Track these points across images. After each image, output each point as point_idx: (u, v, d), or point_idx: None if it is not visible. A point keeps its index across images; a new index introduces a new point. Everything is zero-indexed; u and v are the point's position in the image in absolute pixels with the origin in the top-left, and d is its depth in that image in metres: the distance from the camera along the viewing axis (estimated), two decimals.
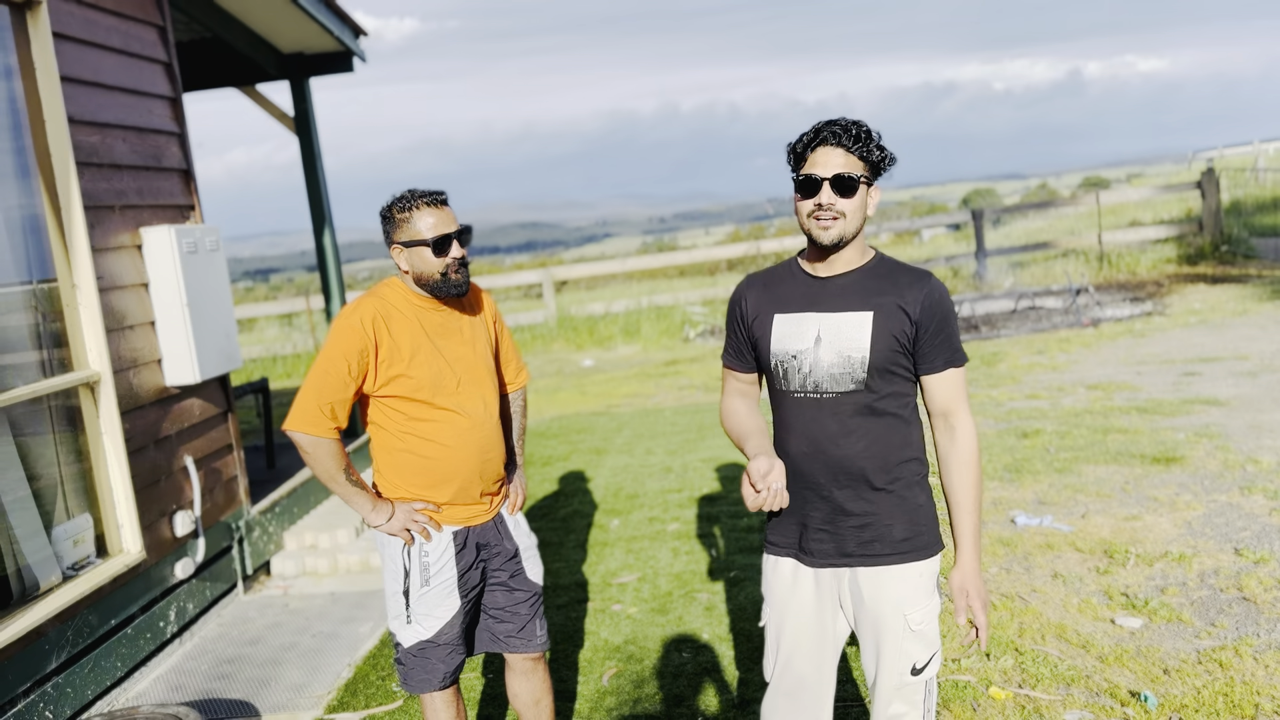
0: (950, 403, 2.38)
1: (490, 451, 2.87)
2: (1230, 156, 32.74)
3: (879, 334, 2.30)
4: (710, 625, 4.33)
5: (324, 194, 7.13)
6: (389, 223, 2.76)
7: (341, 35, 6.74)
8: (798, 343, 2.36)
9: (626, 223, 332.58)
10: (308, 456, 2.71)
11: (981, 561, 2.40)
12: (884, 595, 2.40)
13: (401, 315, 2.75)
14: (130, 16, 4.79)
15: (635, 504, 6.26)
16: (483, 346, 2.91)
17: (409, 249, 2.73)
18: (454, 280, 2.74)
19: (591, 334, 14.86)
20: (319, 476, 2.73)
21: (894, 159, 2.36)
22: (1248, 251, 14.21)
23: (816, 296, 2.38)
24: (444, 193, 2.76)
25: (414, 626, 2.83)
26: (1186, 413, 6.85)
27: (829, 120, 2.32)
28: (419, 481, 2.80)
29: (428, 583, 2.81)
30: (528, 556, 3.01)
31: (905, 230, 24.92)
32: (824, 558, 2.43)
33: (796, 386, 2.37)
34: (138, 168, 4.76)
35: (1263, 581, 4.16)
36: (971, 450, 2.38)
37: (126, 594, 4.31)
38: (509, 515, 3.01)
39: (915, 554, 2.40)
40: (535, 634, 3.01)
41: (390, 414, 2.77)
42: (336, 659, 4.43)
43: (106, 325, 4.35)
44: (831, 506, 2.39)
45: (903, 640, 2.40)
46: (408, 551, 2.81)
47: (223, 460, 5.23)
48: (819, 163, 2.29)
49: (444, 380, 2.77)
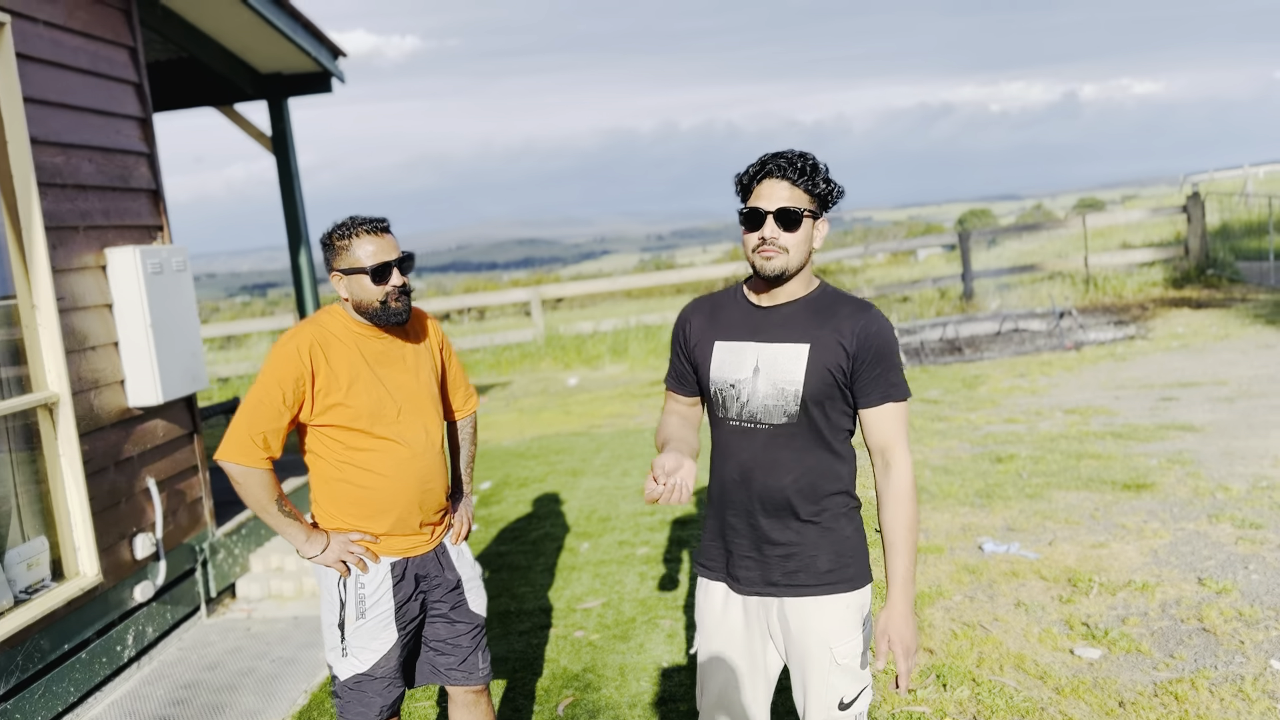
0: (887, 438, 2.34)
1: (431, 481, 2.84)
2: (1220, 180, 32.86)
3: (813, 367, 2.30)
4: (671, 653, 4.31)
5: (301, 213, 7.13)
6: (329, 250, 2.73)
7: (319, 56, 6.75)
8: (736, 372, 2.36)
9: (624, 240, 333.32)
10: (239, 487, 2.68)
11: (914, 603, 2.36)
12: (809, 628, 2.38)
13: (340, 343, 2.73)
14: (99, 38, 4.80)
15: (607, 527, 6.24)
16: (427, 374, 2.88)
17: (348, 276, 2.70)
18: (394, 308, 2.71)
19: (579, 353, 14.85)
20: (251, 507, 2.71)
21: (841, 192, 2.36)
22: (1233, 275, 14.24)
23: (758, 326, 2.37)
24: (385, 220, 2.74)
25: (349, 659, 2.79)
26: (1161, 438, 6.84)
27: (775, 153, 2.32)
28: (356, 512, 2.77)
29: (363, 615, 2.77)
30: (470, 588, 2.98)
31: (901, 250, 24.95)
32: (750, 585, 2.42)
33: (734, 415, 2.37)
34: (104, 188, 4.75)
35: (1223, 612, 4.14)
36: (906, 488, 2.34)
37: (81, 618, 4.28)
38: (452, 545, 2.98)
39: (840, 586, 2.38)
40: (477, 666, 2.98)
41: (328, 443, 2.74)
42: (293, 685, 4.39)
43: (67, 346, 4.33)
44: (758, 535, 2.39)
45: (829, 674, 2.38)
46: (343, 583, 2.77)
47: (187, 482, 5.20)
48: (764, 195, 2.30)
49: (384, 409, 2.74)
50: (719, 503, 2.46)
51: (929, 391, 9.43)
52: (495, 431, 9.93)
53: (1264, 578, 4.45)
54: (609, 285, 17.94)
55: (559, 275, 40.03)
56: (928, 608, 4.51)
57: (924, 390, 9.51)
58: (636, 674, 4.15)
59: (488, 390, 13.02)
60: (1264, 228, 18.10)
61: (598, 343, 15.00)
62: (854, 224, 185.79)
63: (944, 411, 8.48)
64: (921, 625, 4.33)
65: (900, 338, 12.04)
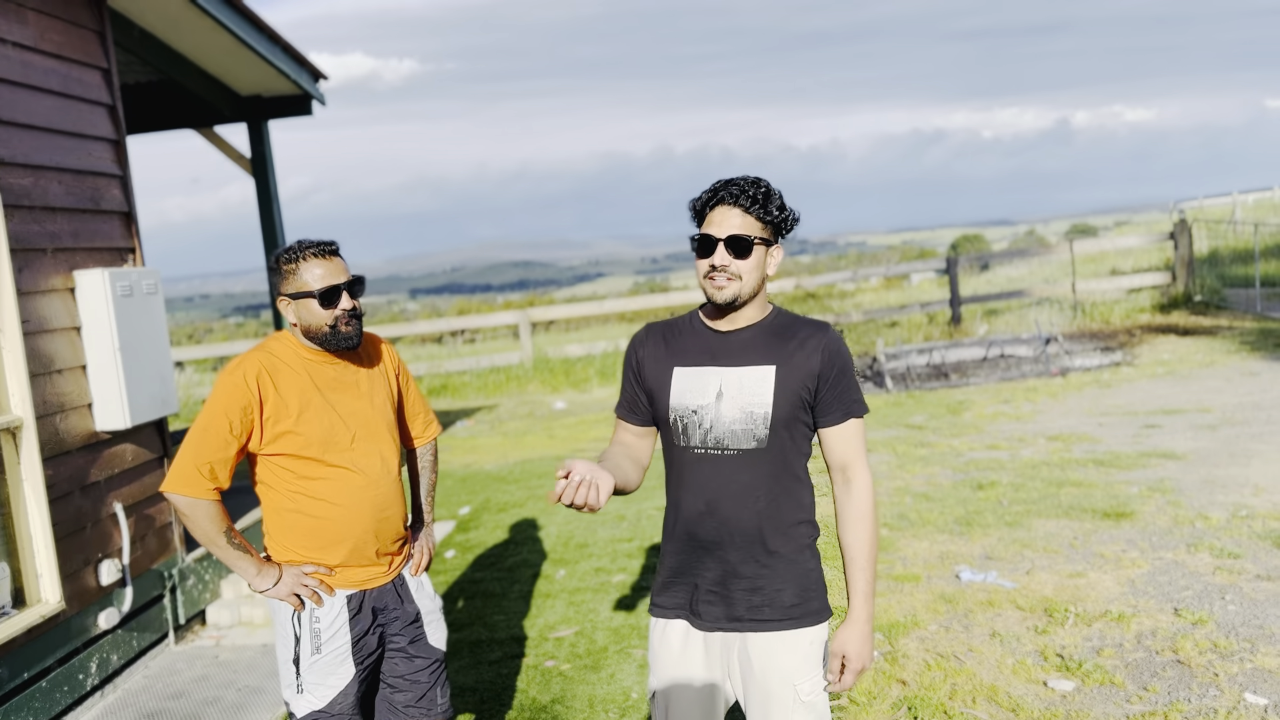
0: (848, 455, 2.34)
1: (388, 510, 2.77)
2: (1210, 207, 33.03)
3: (781, 388, 2.28)
4: (640, 684, 4.24)
5: (280, 235, 7.11)
6: (275, 274, 2.67)
7: (299, 79, 6.74)
8: (698, 398, 2.32)
9: (619, 263, 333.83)
10: (185, 519, 2.62)
11: (873, 622, 2.34)
12: (773, 664, 2.33)
13: (290, 369, 2.67)
14: (71, 59, 4.78)
15: (584, 553, 6.18)
16: (382, 400, 2.82)
17: (296, 301, 2.64)
18: (344, 333, 2.65)
19: (567, 376, 14.79)
20: (199, 539, 2.64)
21: (796, 219, 2.35)
22: (1220, 302, 14.26)
23: (717, 351, 2.34)
24: (334, 243, 2.68)
25: (306, 696, 2.71)
26: (1143, 466, 6.81)
27: (728, 180, 2.30)
28: (310, 543, 2.70)
29: (319, 650, 2.70)
30: (430, 621, 2.90)
31: (893, 275, 25.03)
32: (713, 621, 2.37)
33: (697, 443, 2.33)
34: (73, 210, 4.72)
35: (1198, 644, 4.10)
36: (868, 505, 2.34)
37: (43, 645, 4.21)
38: (411, 577, 2.91)
39: (804, 620, 2.35)
40: (435, 702, 2.90)
41: (279, 473, 2.68)
42: (258, 715, 4.32)
43: (32, 369, 4.28)
44: (724, 568, 2.34)
45: (791, 712, 2.33)
46: (297, 617, 2.70)
47: (156, 506, 5.14)
48: (715, 222, 2.28)
49: (336, 436, 2.68)
50: (680, 537, 2.40)
51: (914, 417, 9.40)
52: (478, 455, 9.88)
53: (1240, 609, 4.41)
54: (599, 308, 17.89)
55: (553, 297, 40.03)
56: (902, 638, 4.45)
57: (909, 416, 9.48)
58: (606, 705, 4.08)
59: (474, 413, 12.96)
60: (1251, 255, 18.16)
61: (586, 366, 14.95)
62: (848, 248, 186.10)
63: (927, 438, 8.44)
64: (894, 656, 4.28)
65: (887, 363, 12.02)
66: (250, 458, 2.71)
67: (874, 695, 3.94)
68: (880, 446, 8.26)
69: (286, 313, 2.68)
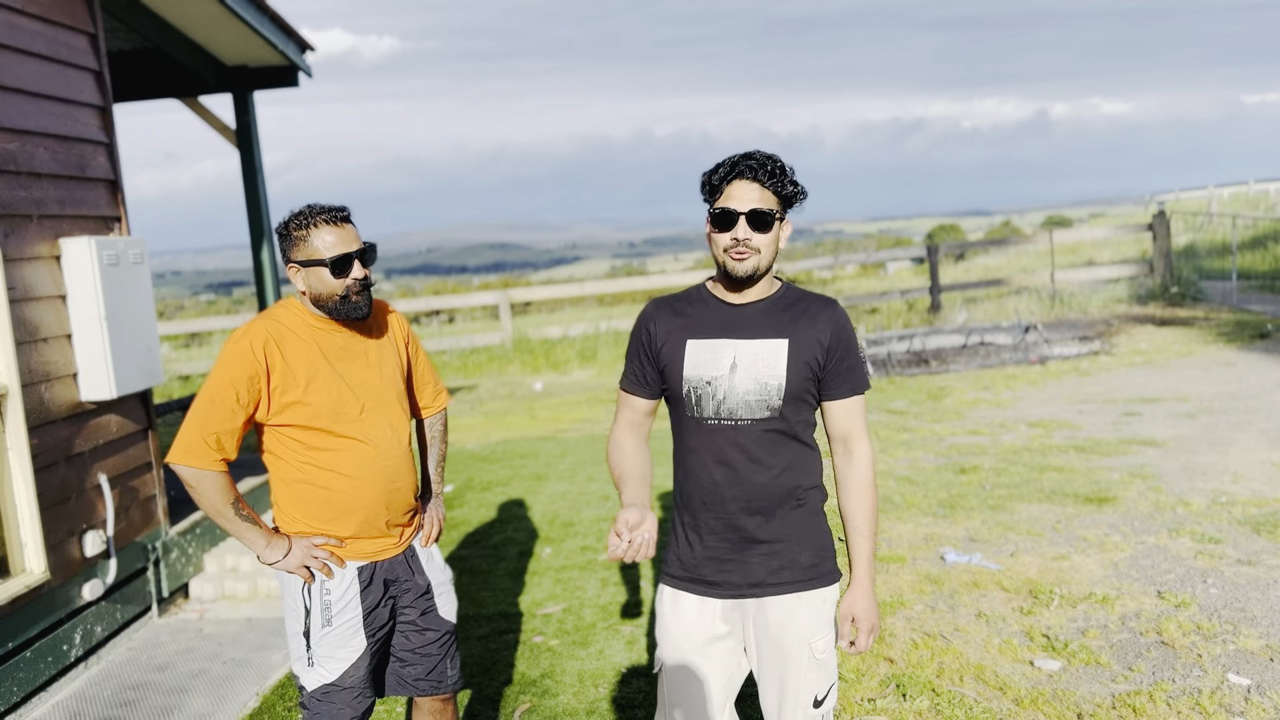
0: (851, 427, 2.42)
1: (398, 481, 2.73)
2: (1186, 200, 33.35)
3: (794, 361, 2.33)
4: (630, 659, 4.25)
5: (264, 209, 7.03)
6: (285, 240, 2.61)
7: (286, 49, 6.66)
8: (713, 369, 2.35)
9: (597, 246, 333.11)
10: (192, 491, 2.57)
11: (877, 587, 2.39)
12: (791, 624, 2.38)
13: (297, 338, 2.62)
14: (59, 23, 4.69)
15: (570, 532, 6.18)
16: (391, 370, 2.77)
17: (306, 268, 2.58)
18: (354, 302, 2.60)
19: (547, 357, 14.76)
20: (206, 511, 2.60)
21: (805, 193, 2.38)
22: (1196, 294, 14.42)
23: (731, 324, 2.37)
24: (346, 209, 2.63)
25: (316, 669, 2.67)
26: (1123, 453, 6.88)
27: (745, 154, 2.33)
28: (319, 515, 2.66)
29: (329, 623, 2.66)
30: (440, 593, 2.87)
31: (870, 262, 25.09)
32: (732, 589, 2.40)
33: (710, 414, 2.35)
34: (60, 177, 4.65)
35: (1181, 626, 4.16)
36: (869, 474, 2.42)
37: (26, 615, 4.17)
38: (422, 548, 2.87)
39: (821, 580, 2.42)
40: (445, 674, 2.88)
41: (287, 443, 2.63)
42: (244, 688, 4.30)
43: (17, 337, 4.22)
44: (740, 535, 2.38)
45: (806, 671, 2.39)
46: (308, 590, 2.66)
47: (140, 479, 5.09)
48: (735, 196, 2.30)
49: (345, 406, 2.63)
50: (695, 507, 2.41)
51: (895, 402, 9.45)
52: (460, 435, 9.84)
53: (1222, 592, 4.47)
54: (578, 290, 17.85)
55: (530, 280, 39.86)
56: (889, 617, 4.49)
57: (890, 401, 9.54)
58: (595, 680, 4.09)
59: (454, 393, 12.91)
60: (1227, 248, 18.37)
61: (566, 347, 14.92)
62: (825, 236, 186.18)
63: (909, 423, 8.50)
64: (882, 635, 4.31)
65: (868, 349, 12.08)
66: (258, 427, 2.67)
67: (861, 673, 3.97)
68: None
69: (295, 280, 2.61)
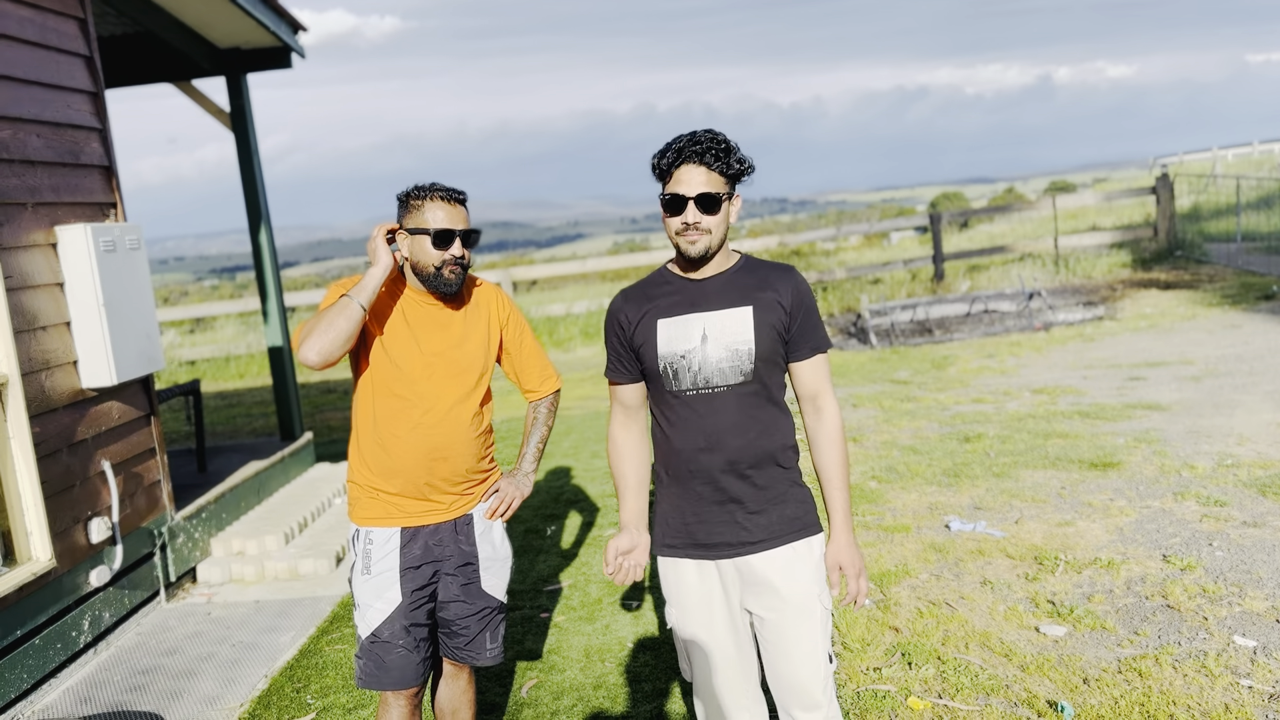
0: (817, 385, 2.50)
1: (445, 451, 2.78)
2: (1190, 162, 33.11)
3: (760, 326, 2.42)
4: (636, 634, 4.27)
5: (261, 192, 7.00)
6: (402, 207, 2.77)
7: (279, 31, 6.61)
8: (685, 343, 2.44)
9: (600, 223, 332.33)
10: (318, 334, 2.62)
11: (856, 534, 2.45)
12: (794, 578, 2.45)
13: (389, 298, 2.80)
14: (48, 9, 4.66)
15: (574, 509, 6.19)
16: (475, 347, 2.85)
17: (412, 236, 2.73)
18: (446, 277, 2.74)
19: (551, 335, 14.75)
20: (337, 325, 2.62)
21: (753, 167, 2.47)
22: (1200, 257, 14.34)
23: (695, 299, 2.48)
24: (464, 192, 2.79)
25: (361, 612, 2.83)
26: (1128, 418, 6.86)
27: (690, 138, 2.41)
28: (373, 466, 2.82)
29: (368, 570, 2.81)
30: (487, 567, 2.91)
31: (873, 233, 24.96)
32: (728, 549, 2.48)
33: (688, 385, 2.44)
34: (53, 164, 4.63)
35: (1187, 589, 4.15)
36: (838, 428, 2.52)
37: (34, 603, 4.19)
38: (481, 520, 2.91)
39: (808, 529, 2.50)
40: (485, 647, 2.96)
41: (365, 388, 2.81)
42: (253, 670, 4.32)
43: (15, 326, 4.22)
44: (727, 496, 2.46)
45: (817, 626, 2.45)
46: (355, 537, 2.85)
47: (144, 464, 5.10)
48: (684, 181, 2.39)
49: (409, 368, 2.76)
50: (680, 476, 2.49)
51: (899, 372, 9.43)
52: None
53: (1227, 555, 4.47)
54: (581, 267, 17.81)
55: (532, 258, 39.73)
56: (893, 586, 4.49)
57: (893, 371, 9.52)
58: (602, 655, 4.11)
59: None
60: (1232, 210, 18.25)
61: (569, 325, 14.91)
62: (828, 207, 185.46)
63: (913, 392, 8.48)
64: (887, 604, 4.32)
65: (871, 319, 12.04)
66: (355, 366, 2.83)
67: (867, 642, 3.97)
68: (866, 401, 8.29)
69: (401, 245, 2.77)
